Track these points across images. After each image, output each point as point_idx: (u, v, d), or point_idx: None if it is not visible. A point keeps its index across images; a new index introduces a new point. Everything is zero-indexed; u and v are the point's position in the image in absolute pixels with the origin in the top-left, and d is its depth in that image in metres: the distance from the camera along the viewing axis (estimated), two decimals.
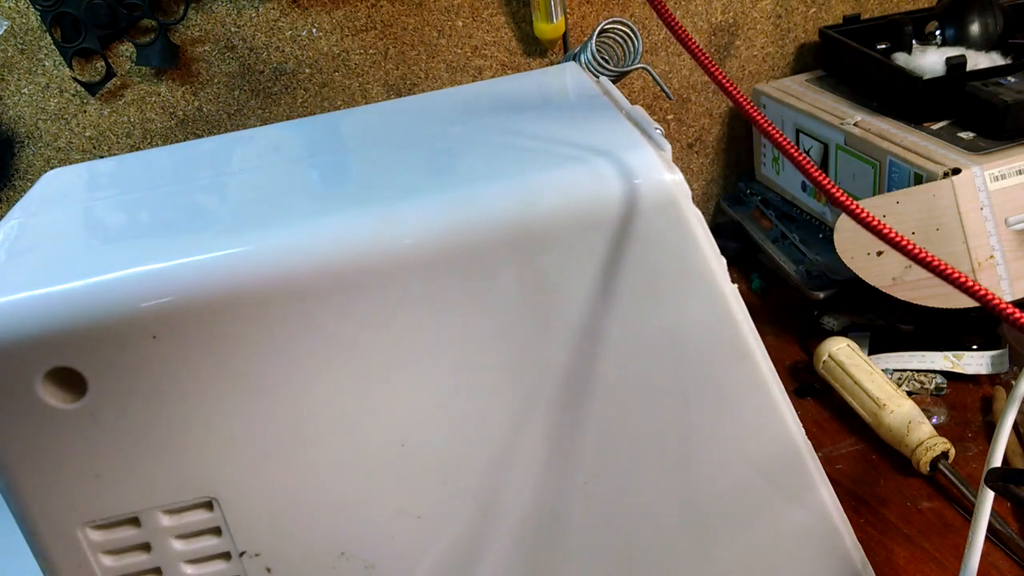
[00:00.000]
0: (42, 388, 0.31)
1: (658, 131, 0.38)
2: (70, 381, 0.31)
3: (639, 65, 0.56)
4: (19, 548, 0.50)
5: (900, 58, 0.70)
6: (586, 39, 0.57)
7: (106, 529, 0.33)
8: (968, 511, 0.51)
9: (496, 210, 0.32)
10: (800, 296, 0.72)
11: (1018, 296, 0.58)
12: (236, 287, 0.31)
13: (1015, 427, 0.54)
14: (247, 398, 0.32)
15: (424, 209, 0.32)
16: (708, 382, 0.35)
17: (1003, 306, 0.28)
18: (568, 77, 0.49)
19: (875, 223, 0.31)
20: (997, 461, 0.47)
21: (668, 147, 0.36)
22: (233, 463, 0.32)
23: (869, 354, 0.65)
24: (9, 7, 0.68)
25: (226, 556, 0.34)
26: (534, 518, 0.36)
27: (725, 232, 0.86)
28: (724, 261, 0.35)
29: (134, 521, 0.33)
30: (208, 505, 0.33)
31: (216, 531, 0.33)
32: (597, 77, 0.51)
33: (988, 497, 0.44)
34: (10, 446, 0.31)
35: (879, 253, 0.58)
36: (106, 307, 0.31)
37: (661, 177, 0.33)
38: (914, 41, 0.73)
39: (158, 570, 0.33)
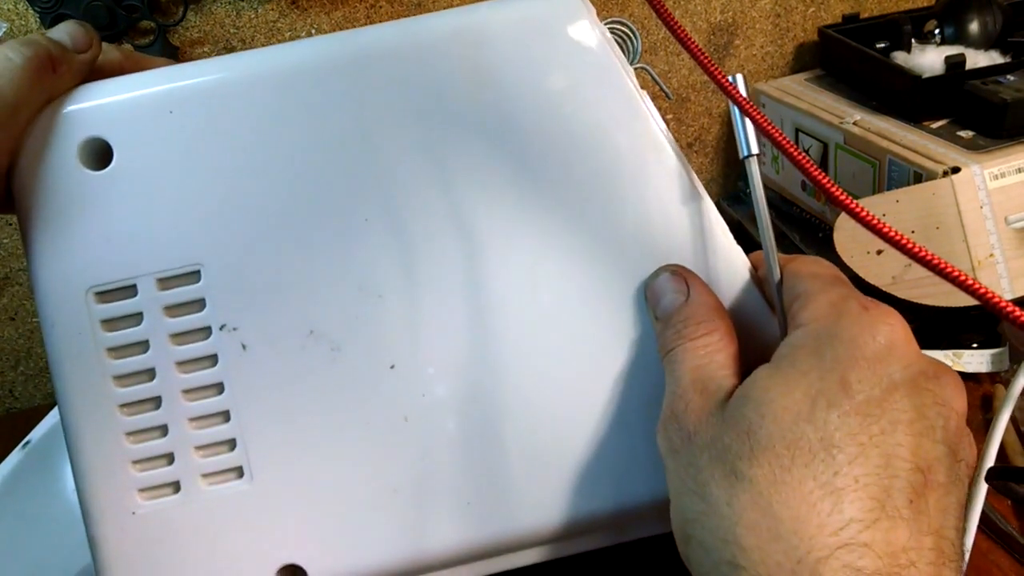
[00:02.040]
0: (79, 154, 0.36)
1: None
2: (101, 150, 0.36)
3: (639, 65, 0.56)
4: (26, 540, 0.51)
5: (899, 57, 0.70)
6: None
7: (107, 297, 0.36)
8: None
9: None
10: None
11: (1018, 294, 0.58)
12: (244, 73, 0.36)
13: (1016, 424, 0.54)
14: (240, 174, 0.36)
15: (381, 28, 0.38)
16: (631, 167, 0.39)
17: (1003, 304, 0.28)
18: None
19: (875, 222, 0.31)
20: (991, 459, 0.47)
21: None
22: (220, 233, 0.36)
23: None
24: (8, 9, 0.68)
25: (207, 332, 0.37)
26: (472, 298, 0.37)
27: None
28: (631, 69, 0.40)
29: (131, 290, 0.36)
30: (195, 275, 0.36)
31: (200, 303, 0.37)
32: None
33: (982, 490, 0.44)
34: (45, 205, 0.36)
35: (879, 252, 0.59)
36: (130, 80, 0.36)
37: None
38: (913, 40, 0.73)
39: (146, 344, 0.36)
